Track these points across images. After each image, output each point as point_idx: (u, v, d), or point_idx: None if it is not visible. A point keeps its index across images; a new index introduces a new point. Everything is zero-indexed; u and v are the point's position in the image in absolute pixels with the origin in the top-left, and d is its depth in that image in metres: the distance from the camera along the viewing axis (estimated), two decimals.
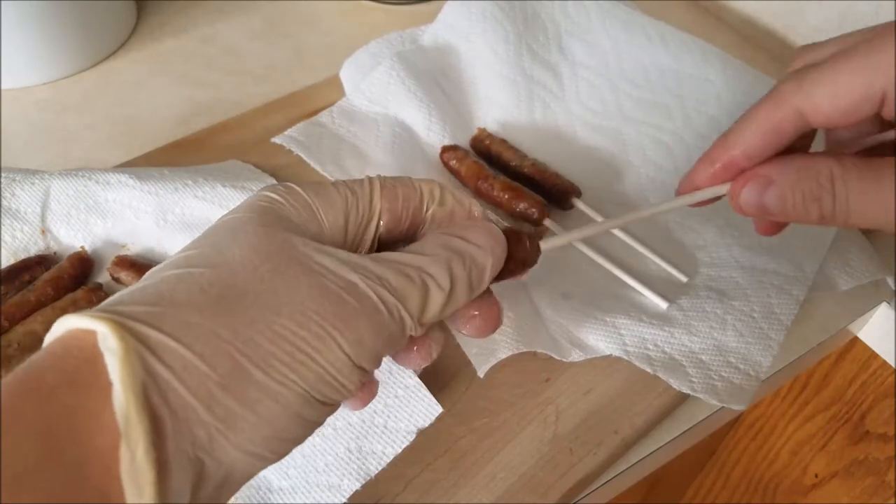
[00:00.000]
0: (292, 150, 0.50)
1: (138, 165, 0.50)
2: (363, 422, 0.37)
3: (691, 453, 0.51)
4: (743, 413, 0.66)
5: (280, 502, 0.36)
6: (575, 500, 0.39)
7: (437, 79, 0.55)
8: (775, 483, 0.73)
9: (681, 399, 0.41)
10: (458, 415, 0.39)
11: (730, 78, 0.56)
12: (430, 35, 0.58)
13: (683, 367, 0.40)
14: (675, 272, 0.45)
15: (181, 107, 0.58)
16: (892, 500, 0.62)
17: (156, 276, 0.23)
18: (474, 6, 0.57)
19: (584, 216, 0.48)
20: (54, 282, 0.42)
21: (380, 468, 0.36)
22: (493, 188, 0.47)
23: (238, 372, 0.21)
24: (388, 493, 0.37)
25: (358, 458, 0.36)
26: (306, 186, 0.26)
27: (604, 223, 0.31)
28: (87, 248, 0.45)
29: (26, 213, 0.45)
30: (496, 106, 0.55)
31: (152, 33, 0.66)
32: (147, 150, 0.52)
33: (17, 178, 0.45)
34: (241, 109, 0.56)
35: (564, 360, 0.41)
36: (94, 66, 0.62)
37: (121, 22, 0.64)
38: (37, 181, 0.45)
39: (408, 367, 0.28)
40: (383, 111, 0.54)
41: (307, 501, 0.36)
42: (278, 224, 0.24)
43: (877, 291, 0.48)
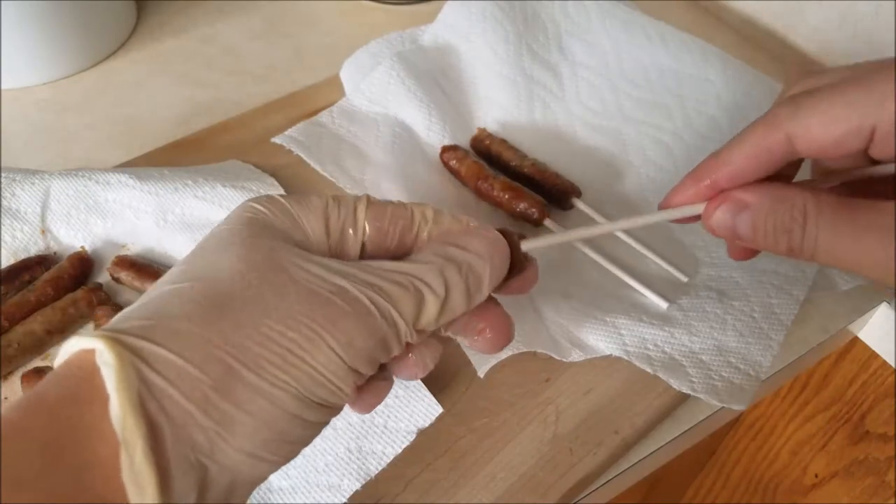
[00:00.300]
0: (292, 150, 0.50)
1: (138, 165, 0.50)
2: (363, 422, 0.37)
3: (691, 453, 0.51)
4: (743, 413, 0.66)
5: (280, 502, 0.36)
6: (575, 501, 0.39)
7: (437, 79, 0.55)
8: (775, 483, 0.73)
9: (681, 399, 0.41)
10: (458, 415, 0.39)
11: (730, 78, 0.56)
12: (430, 35, 0.58)
13: (683, 367, 0.40)
14: (675, 272, 0.45)
15: (181, 107, 0.58)
16: (893, 500, 0.62)
17: (153, 293, 0.24)
18: (474, 6, 0.57)
19: (584, 216, 0.48)
20: (54, 282, 0.42)
21: (380, 468, 0.36)
22: (493, 188, 0.47)
23: (230, 375, 0.21)
24: (388, 494, 0.37)
25: (358, 458, 0.36)
26: (288, 196, 0.27)
27: (578, 231, 0.30)
28: (87, 248, 0.45)
29: (26, 213, 0.45)
30: (496, 106, 0.55)
31: (152, 33, 0.66)
32: (147, 150, 0.52)
33: (17, 178, 0.45)
34: (241, 109, 0.56)
35: (564, 360, 0.41)
36: (95, 66, 0.62)
37: (121, 22, 0.64)
38: (37, 181, 0.45)
39: (402, 377, 0.28)
40: (383, 111, 0.53)
41: (307, 501, 0.36)
42: (264, 233, 0.25)
43: (877, 291, 0.48)
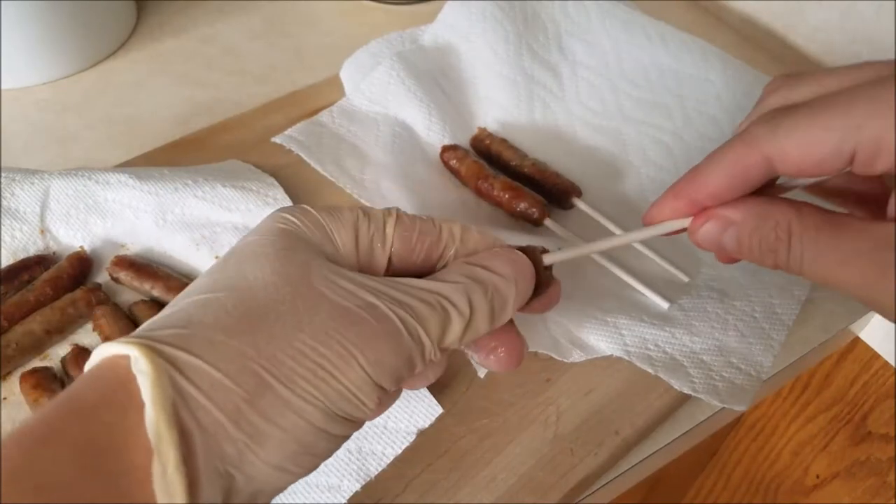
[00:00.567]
0: (292, 149, 0.50)
1: (138, 165, 0.50)
2: None
3: (692, 454, 0.51)
4: (744, 413, 0.66)
5: (280, 503, 0.36)
6: (576, 501, 0.39)
7: (437, 78, 0.55)
8: (776, 484, 0.73)
9: (682, 399, 0.41)
10: (459, 415, 0.39)
11: (730, 78, 0.56)
12: (430, 35, 0.58)
13: (684, 368, 0.40)
14: (676, 272, 0.45)
15: (181, 107, 0.58)
16: (894, 500, 0.62)
17: (183, 301, 0.24)
18: (474, 6, 0.57)
19: (585, 216, 0.48)
20: (53, 282, 0.42)
21: (380, 469, 0.36)
22: (494, 188, 0.47)
23: (263, 388, 0.22)
24: (388, 494, 0.36)
25: (358, 459, 0.36)
26: (319, 208, 0.27)
27: (597, 244, 0.30)
28: (86, 247, 0.44)
29: (25, 213, 0.45)
30: (496, 106, 0.55)
31: (152, 33, 0.65)
32: (147, 150, 0.52)
33: (17, 177, 0.45)
34: (241, 109, 0.56)
35: (565, 360, 0.41)
36: (94, 66, 0.62)
37: (121, 22, 0.64)
38: (36, 181, 0.45)
39: (405, 387, 0.28)
40: (383, 111, 0.53)
41: (307, 502, 0.35)
42: (297, 246, 0.25)
43: None
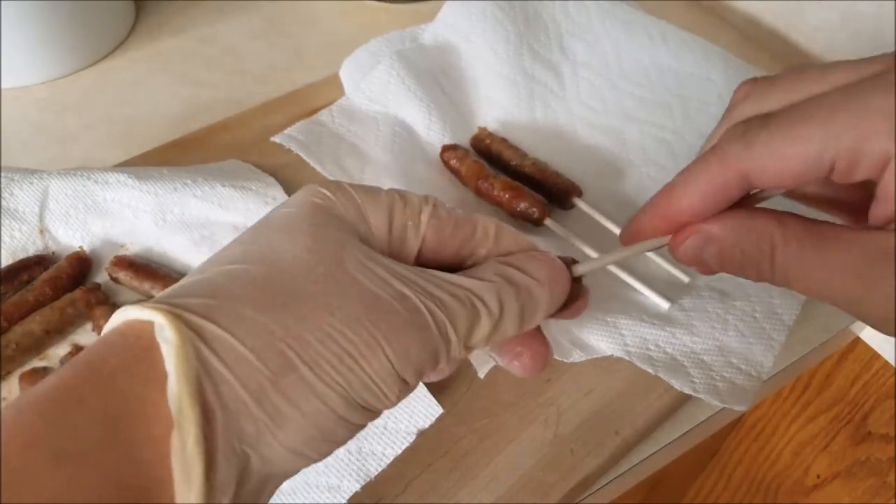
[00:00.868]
0: (292, 149, 0.49)
1: (137, 165, 0.50)
2: None
3: (693, 454, 0.51)
4: (744, 414, 0.66)
5: (280, 503, 0.36)
6: (576, 501, 0.39)
7: (438, 78, 0.55)
8: (777, 484, 0.73)
9: (682, 400, 0.41)
10: (459, 415, 0.39)
11: (731, 77, 0.56)
12: (430, 34, 0.58)
13: (685, 368, 0.40)
14: (676, 272, 0.45)
15: (180, 106, 0.58)
16: (894, 500, 0.62)
17: (211, 269, 0.23)
18: (474, 6, 0.57)
19: (585, 216, 0.48)
20: (52, 282, 0.42)
21: (380, 469, 0.36)
22: (494, 188, 0.47)
23: (288, 369, 0.21)
24: (388, 494, 0.36)
25: (358, 459, 0.36)
26: (356, 186, 0.26)
27: (616, 253, 0.30)
28: (85, 247, 0.44)
29: (25, 213, 0.44)
30: (496, 105, 0.55)
31: (151, 33, 0.65)
32: (146, 150, 0.52)
33: (16, 177, 0.45)
34: (240, 109, 0.56)
35: (566, 360, 0.41)
36: (93, 65, 0.62)
37: (119, 21, 0.64)
38: (35, 181, 0.45)
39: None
40: (383, 110, 0.53)
41: (307, 502, 0.35)
42: (330, 223, 0.25)
43: None
